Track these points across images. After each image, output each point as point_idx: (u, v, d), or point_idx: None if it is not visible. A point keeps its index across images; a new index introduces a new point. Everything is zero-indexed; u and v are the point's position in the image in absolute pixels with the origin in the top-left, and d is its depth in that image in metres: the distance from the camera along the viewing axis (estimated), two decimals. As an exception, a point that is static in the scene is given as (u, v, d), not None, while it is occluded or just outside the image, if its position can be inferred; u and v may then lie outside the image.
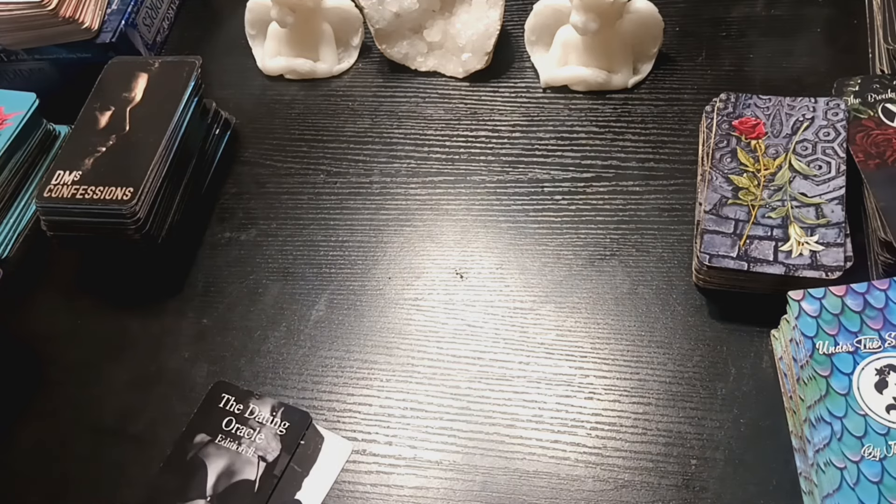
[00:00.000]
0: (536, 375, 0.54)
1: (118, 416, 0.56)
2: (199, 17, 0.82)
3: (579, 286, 0.57)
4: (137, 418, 0.56)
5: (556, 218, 0.61)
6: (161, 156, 0.61)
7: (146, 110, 0.64)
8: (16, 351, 0.61)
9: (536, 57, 0.70)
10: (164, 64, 0.67)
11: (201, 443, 0.53)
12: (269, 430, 0.53)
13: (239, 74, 0.75)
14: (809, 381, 0.45)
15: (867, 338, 0.45)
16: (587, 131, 0.66)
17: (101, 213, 0.59)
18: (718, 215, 0.54)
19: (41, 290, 0.64)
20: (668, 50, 0.69)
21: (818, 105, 0.57)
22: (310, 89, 0.73)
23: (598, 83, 0.67)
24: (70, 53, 0.74)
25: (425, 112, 0.70)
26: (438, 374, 0.55)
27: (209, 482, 0.51)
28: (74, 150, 0.62)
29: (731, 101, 0.59)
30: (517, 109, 0.68)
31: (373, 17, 0.69)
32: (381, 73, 0.73)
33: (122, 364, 0.59)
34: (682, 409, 0.51)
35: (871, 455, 0.42)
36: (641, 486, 0.48)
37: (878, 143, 0.54)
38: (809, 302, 0.47)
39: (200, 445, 0.53)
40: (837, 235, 0.51)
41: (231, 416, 0.54)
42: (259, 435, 0.52)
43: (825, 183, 0.54)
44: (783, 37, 0.68)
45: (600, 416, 0.51)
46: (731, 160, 0.56)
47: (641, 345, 0.54)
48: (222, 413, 0.54)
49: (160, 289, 0.63)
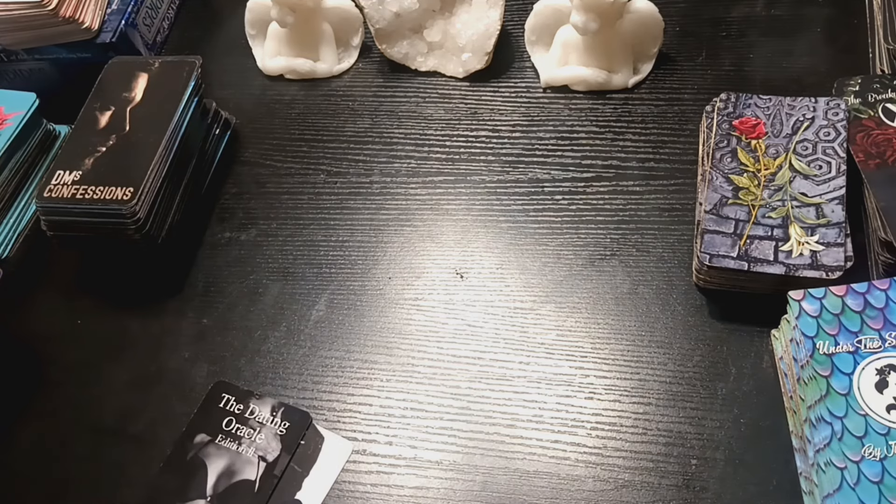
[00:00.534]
0: (537, 375, 0.53)
1: (118, 416, 0.56)
2: (200, 17, 0.82)
3: (579, 286, 0.57)
4: (137, 418, 0.56)
5: (557, 218, 0.61)
6: (161, 156, 0.61)
7: (146, 110, 0.64)
8: (16, 351, 0.61)
9: (536, 57, 0.70)
10: (164, 64, 0.67)
11: (201, 443, 0.53)
12: (270, 430, 0.53)
13: (239, 74, 0.75)
14: (810, 381, 0.45)
15: (867, 338, 0.45)
16: (587, 131, 0.66)
17: (101, 213, 0.59)
18: (719, 215, 0.54)
19: (41, 290, 0.64)
20: (669, 50, 0.69)
21: (818, 105, 0.57)
22: (310, 89, 0.73)
23: (599, 83, 0.67)
24: (70, 53, 0.74)
25: (425, 112, 0.70)
26: (438, 374, 0.55)
27: (209, 482, 0.51)
28: (74, 150, 0.62)
29: (731, 101, 0.59)
30: (517, 109, 0.68)
31: (373, 17, 0.69)
32: (382, 73, 0.73)
33: (122, 364, 0.59)
34: (682, 409, 0.51)
35: (872, 455, 0.42)
36: (642, 486, 0.48)
37: (878, 142, 0.54)
38: (810, 302, 0.47)
39: (200, 445, 0.53)
40: (838, 235, 0.51)
41: (231, 416, 0.54)
42: (259, 435, 0.52)
43: (825, 183, 0.54)
44: (783, 37, 0.68)
45: (600, 416, 0.51)
46: (732, 160, 0.56)
47: (642, 345, 0.54)
48: (222, 413, 0.54)
49: (160, 289, 0.63)
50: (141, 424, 0.55)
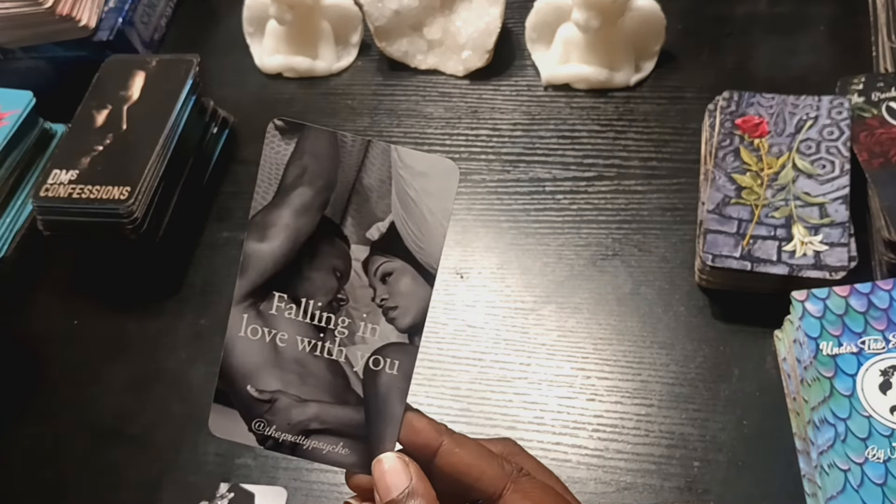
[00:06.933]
0: (538, 377, 0.53)
1: (115, 417, 0.56)
2: (197, 15, 0.82)
3: (581, 286, 0.57)
4: (135, 419, 0.55)
5: (558, 217, 0.61)
6: (158, 155, 0.60)
7: (143, 109, 0.63)
8: (12, 351, 0.61)
9: (537, 55, 0.70)
10: (161, 62, 0.67)
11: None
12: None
13: (237, 72, 0.75)
14: (813, 383, 0.45)
15: (871, 338, 0.45)
16: (589, 130, 0.65)
17: (98, 212, 0.58)
18: (721, 215, 0.53)
19: (38, 290, 0.64)
20: (671, 48, 0.68)
21: (822, 104, 0.57)
22: (308, 87, 0.73)
23: (600, 81, 0.67)
24: (67, 52, 0.73)
25: (425, 110, 0.69)
26: (438, 375, 0.54)
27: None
28: (71, 148, 0.62)
29: (734, 100, 0.59)
30: (518, 108, 0.68)
31: (372, 15, 0.69)
32: (381, 71, 0.73)
33: (120, 365, 0.58)
34: (684, 411, 0.50)
35: (875, 457, 0.42)
36: (644, 488, 0.48)
37: (882, 141, 0.54)
38: (813, 302, 0.47)
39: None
40: (841, 235, 0.51)
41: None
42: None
43: (829, 182, 0.53)
44: (787, 35, 0.68)
45: (602, 418, 0.51)
46: (735, 159, 0.56)
47: (644, 346, 0.53)
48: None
49: (158, 289, 0.62)
50: (139, 425, 0.55)
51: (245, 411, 0.33)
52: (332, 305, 0.33)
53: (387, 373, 0.33)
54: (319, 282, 0.33)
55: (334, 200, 0.33)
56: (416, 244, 0.33)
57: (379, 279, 0.33)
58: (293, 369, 0.33)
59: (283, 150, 0.33)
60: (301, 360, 0.33)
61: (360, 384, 0.33)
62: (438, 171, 0.33)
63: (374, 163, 0.33)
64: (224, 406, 0.33)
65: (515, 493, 0.31)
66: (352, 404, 0.33)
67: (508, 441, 0.35)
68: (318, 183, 0.33)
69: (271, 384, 0.33)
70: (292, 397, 0.33)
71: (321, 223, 0.33)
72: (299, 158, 0.33)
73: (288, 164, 0.33)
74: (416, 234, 0.33)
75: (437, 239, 0.33)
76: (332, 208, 0.33)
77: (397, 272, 0.33)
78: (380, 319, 0.33)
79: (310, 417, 0.33)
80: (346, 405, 0.33)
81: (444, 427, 0.32)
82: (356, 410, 0.33)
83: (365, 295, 0.33)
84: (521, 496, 0.31)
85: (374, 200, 0.33)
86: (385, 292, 0.33)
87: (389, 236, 0.33)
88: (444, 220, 0.33)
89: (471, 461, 0.32)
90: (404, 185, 0.33)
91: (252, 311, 0.33)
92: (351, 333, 0.33)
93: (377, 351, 0.33)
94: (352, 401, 0.33)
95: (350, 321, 0.33)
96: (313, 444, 0.33)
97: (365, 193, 0.33)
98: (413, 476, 0.31)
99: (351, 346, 0.33)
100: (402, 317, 0.33)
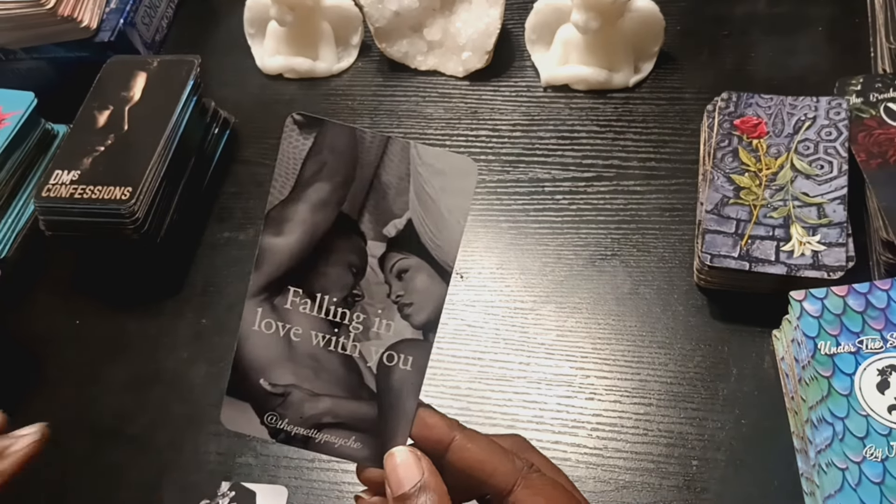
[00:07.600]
0: (537, 376, 0.53)
1: (116, 417, 0.56)
2: (198, 16, 0.82)
3: (580, 286, 0.57)
4: (135, 419, 0.56)
5: (557, 217, 0.61)
6: (160, 155, 0.61)
7: (145, 109, 0.63)
8: (13, 351, 0.61)
9: (537, 56, 0.70)
10: (162, 63, 0.67)
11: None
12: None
13: (238, 73, 0.75)
14: (811, 382, 0.45)
15: (869, 338, 0.45)
16: (588, 130, 0.65)
17: (100, 212, 0.58)
18: (720, 215, 0.53)
19: (39, 290, 0.64)
20: (670, 49, 0.68)
21: (820, 104, 0.57)
22: (309, 88, 0.73)
23: (599, 82, 0.67)
24: (68, 52, 0.74)
25: (425, 111, 0.69)
26: (438, 374, 0.54)
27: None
28: (73, 149, 0.62)
29: (732, 101, 0.59)
30: (518, 108, 0.68)
31: (372, 16, 0.69)
32: (381, 72, 0.73)
33: (121, 364, 0.59)
34: (683, 410, 0.51)
35: (873, 456, 0.42)
36: (642, 486, 0.48)
37: (880, 142, 0.54)
38: (811, 302, 0.47)
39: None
40: (839, 235, 0.51)
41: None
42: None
43: (827, 182, 0.53)
44: (785, 36, 0.68)
45: (601, 417, 0.51)
46: (733, 160, 0.56)
47: (643, 345, 0.54)
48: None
49: (159, 289, 0.62)
50: (139, 425, 0.55)
51: (257, 405, 0.33)
52: (348, 301, 0.33)
53: (400, 368, 0.33)
54: (335, 277, 0.33)
55: (352, 196, 0.33)
56: (433, 241, 0.33)
57: (395, 276, 0.33)
58: (307, 364, 0.33)
59: (302, 145, 0.33)
60: (315, 355, 0.33)
61: (373, 379, 0.33)
62: (457, 169, 0.32)
63: (393, 159, 0.33)
64: (236, 399, 0.33)
65: (526, 490, 0.31)
66: (365, 399, 0.33)
67: (518, 437, 0.35)
68: (336, 178, 0.33)
69: (285, 378, 0.33)
70: (305, 391, 0.33)
71: (338, 219, 0.33)
72: (318, 153, 0.33)
73: (306, 158, 0.33)
74: (432, 231, 0.33)
75: (453, 237, 0.33)
76: (350, 204, 0.33)
77: (413, 269, 0.33)
78: (395, 315, 0.33)
79: (322, 411, 0.33)
80: (360, 400, 0.33)
81: (456, 423, 0.33)
82: (369, 405, 0.33)
83: (380, 291, 0.33)
84: (532, 492, 0.31)
85: (392, 197, 0.33)
86: (401, 289, 0.33)
87: (406, 233, 0.33)
88: (461, 219, 0.32)
89: (482, 457, 0.32)
90: (422, 183, 0.33)
91: (266, 305, 0.33)
92: (365, 329, 0.33)
93: (391, 347, 0.33)
94: (365, 396, 0.33)
95: (365, 317, 0.33)
96: (325, 438, 0.33)
97: (383, 190, 0.33)
98: (425, 470, 0.31)
99: (365, 341, 0.33)
100: (416, 313, 0.33)
